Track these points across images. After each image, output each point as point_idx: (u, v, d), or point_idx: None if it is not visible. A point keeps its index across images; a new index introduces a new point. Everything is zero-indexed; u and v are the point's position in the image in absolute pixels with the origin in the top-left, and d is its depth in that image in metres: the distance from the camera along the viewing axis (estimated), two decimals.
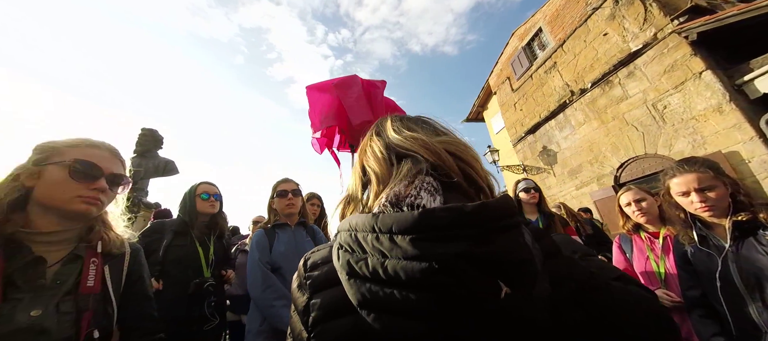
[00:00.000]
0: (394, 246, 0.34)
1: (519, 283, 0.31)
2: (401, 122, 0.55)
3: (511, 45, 8.72)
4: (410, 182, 0.43)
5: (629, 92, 5.55)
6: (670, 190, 1.28)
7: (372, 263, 0.35)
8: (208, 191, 1.94)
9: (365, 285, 0.35)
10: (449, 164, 0.46)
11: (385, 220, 0.35)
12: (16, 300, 0.67)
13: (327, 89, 1.70)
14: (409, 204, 0.40)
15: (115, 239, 0.87)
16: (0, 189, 0.73)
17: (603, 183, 6.09)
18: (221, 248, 1.99)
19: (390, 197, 0.42)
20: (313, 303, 0.41)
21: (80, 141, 0.84)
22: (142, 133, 3.95)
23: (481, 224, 0.33)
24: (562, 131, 7.04)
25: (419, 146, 0.48)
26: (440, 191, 0.43)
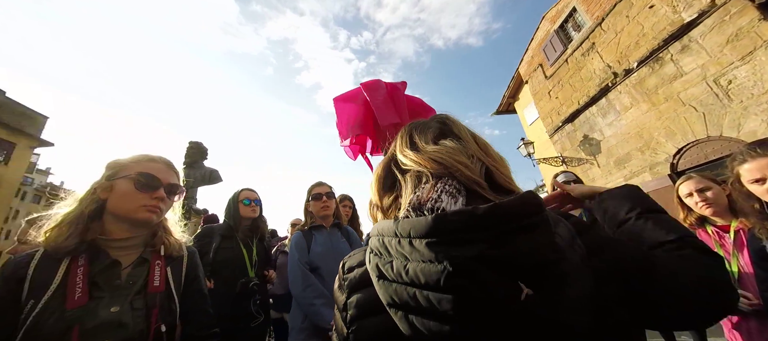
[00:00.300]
0: (414, 250, 0.35)
1: (542, 285, 0.31)
2: (425, 134, 0.56)
3: (542, 29, 8.22)
4: (432, 187, 0.44)
5: (684, 68, 4.97)
6: (740, 177, 1.13)
7: (396, 266, 0.37)
8: (249, 197, 2.08)
9: (392, 287, 0.37)
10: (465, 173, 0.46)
11: (404, 225, 0.37)
12: (99, 298, 0.77)
13: (353, 98, 1.75)
14: (429, 209, 0.41)
15: (175, 243, 0.98)
16: (82, 202, 0.86)
17: (657, 172, 5.51)
18: (263, 249, 2.12)
19: (413, 203, 0.43)
20: (349, 302, 0.45)
21: (142, 157, 0.96)
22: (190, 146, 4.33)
23: (495, 225, 0.33)
24: (605, 117, 6.49)
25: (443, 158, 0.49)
26: (463, 193, 0.44)
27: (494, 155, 0.53)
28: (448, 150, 0.50)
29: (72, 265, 0.77)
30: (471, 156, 0.50)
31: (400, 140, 0.58)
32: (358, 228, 2.64)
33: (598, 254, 0.38)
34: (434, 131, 0.56)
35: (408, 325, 0.35)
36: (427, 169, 0.48)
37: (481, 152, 0.52)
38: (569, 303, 0.31)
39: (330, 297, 1.61)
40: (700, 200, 1.44)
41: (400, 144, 0.57)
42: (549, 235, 0.33)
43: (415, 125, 0.60)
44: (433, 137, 0.55)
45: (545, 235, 0.33)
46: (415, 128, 0.58)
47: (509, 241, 0.32)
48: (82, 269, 0.78)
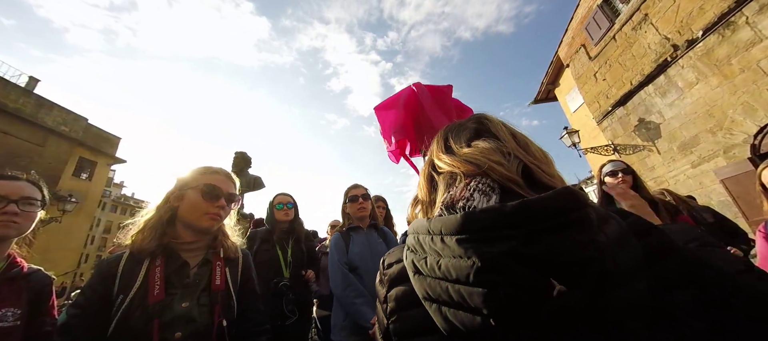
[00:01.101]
0: (445, 246, 0.37)
1: (580, 283, 0.30)
2: (460, 137, 0.56)
3: (584, 6, 7.54)
4: (465, 186, 0.45)
5: (765, 31, 4.24)
6: None
7: (430, 261, 0.39)
8: (282, 201, 2.21)
9: (426, 281, 0.39)
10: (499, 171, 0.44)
11: (436, 224, 0.39)
12: (173, 294, 0.89)
13: (392, 105, 1.81)
14: (461, 207, 0.42)
15: (232, 246, 1.09)
16: (158, 209, 1.00)
17: (733, 156, 4.77)
18: (299, 250, 2.17)
19: (446, 201, 0.45)
20: (389, 295, 0.48)
21: (206, 169, 1.08)
22: (236, 155, 4.70)
23: (524, 222, 0.32)
24: (664, 97, 5.77)
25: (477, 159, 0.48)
26: (497, 190, 0.43)
27: (535, 152, 0.51)
28: (482, 150, 0.49)
29: (151, 265, 0.90)
30: (507, 154, 0.48)
31: (436, 144, 0.59)
32: (392, 228, 2.67)
33: (662, 259, 0.35)
34: (469, 133, 0.56)
35: (442, 318, 0.37)
36: (460, 170, 0.48)
37: (520, 150, 0.50)
38: (617, 302, 0.30)
39: (369, 296, 1.65)
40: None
41: (436, 149, 0.58)
42: (588, 233, 0.32)
43: (451, 128, 0.60)
44: (468, 138, 0.54)
45: (584, 232, 0.32)
46: (451, 131, 0.58)
47: (540, 238, 0.32)
48: (159, 268, 0.90)
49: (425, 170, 0.57)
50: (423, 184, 0.56)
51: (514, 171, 0.45)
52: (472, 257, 0.33)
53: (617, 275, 0.31)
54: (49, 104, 12.13)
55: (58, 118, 12.23)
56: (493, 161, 0.46)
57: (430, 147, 0.60)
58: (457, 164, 0.49)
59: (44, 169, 11.17)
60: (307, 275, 2.10)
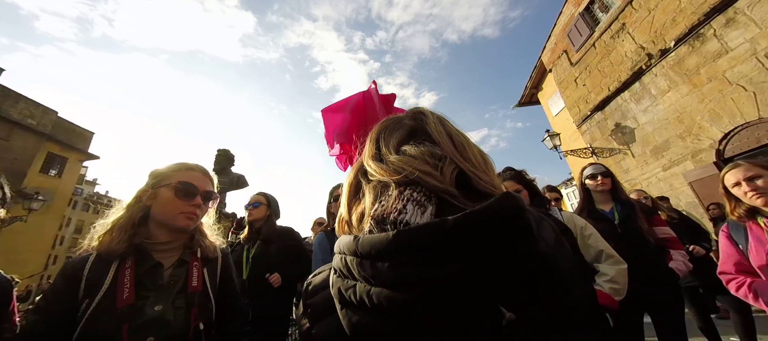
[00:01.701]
0: (377, 272, 0.31)
1: (529, 302, 0.28)
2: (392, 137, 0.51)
3: (566, 13, 7.80)
4: (398, 195, 0.39)
5: (730, 43, 4.52)
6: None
7: (359, 290, 0.33)
8: (251, 200, 2.16)
9: (355, 316, 0.33)
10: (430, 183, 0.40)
11: (364, 243, 0.33)
12: (145, 297, 0.84)
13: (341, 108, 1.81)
14: (392, 222, 0.36)
15: (210, 246, 1.05)
16: (129, 208, 0.94)
17: (700, 160, 5.07)
18: (264, 252, 2.04)
19: (376, 214, 0.39)
20: (313, 333, 0.40)
21: (181, 165, 1.03)
22: (218, 153, 4.55)
23: (468, 239, 0.29)
24: (639, 103, 6.06)
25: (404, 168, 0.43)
26: (434, 201, 0.38)
27: (472, 157, 0.46)
28: (410, 159, 0.43)
29: (120, 267, 0.85)
30: (441, 159, 0.43)
31: (368, 144, 0.53)
32: None
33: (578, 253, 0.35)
34: (402, 134, 0.50)
35: None
36: (389, 178, 0.43)
37: (456, 154, 0.45)
38: (566, 313, 0.29)
39: None
40: (750, 189, 1.31)
41: (367, 151, 0.52)
42: (531, 242, 0.29)
43: (385, 125, 0.54)
44: (399, 141, 0.49)
45: (527, 242, 0.29)
46: (384, 131, 0.52)
47: (486, 256, 0.28)
48: (129, 270, 0.85)
49: (351, 176, 0.50)
50: (349, 191, 0.49)
51: (447, 181, 0.40)
52: (408, 285, 0.29)
53: (561, 283, 0.29)
54: (15, 95, 11.37)
55: (24, 110, 11.48)
56: (422, 171, 0.41)
57: (361, 149, 0.54)
58: (384, 173, 0.44)
59: (8, 165, 10.47)
60: (270, 278, 1.93)
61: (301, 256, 2.22)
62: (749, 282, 1.28)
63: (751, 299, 1.26)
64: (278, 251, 2.09)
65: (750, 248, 1.33)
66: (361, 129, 1.90)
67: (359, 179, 0.48)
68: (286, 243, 2.17)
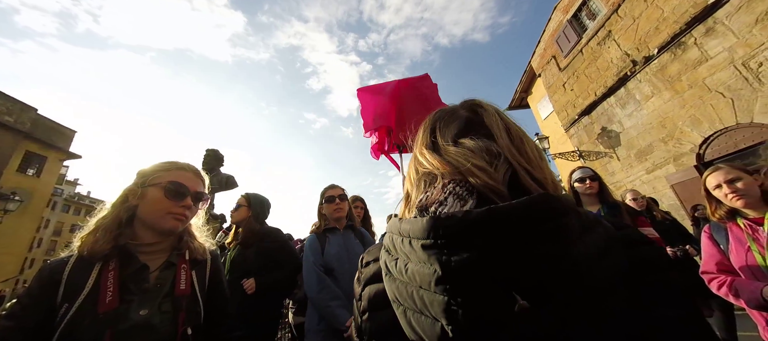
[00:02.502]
0: (412, 250, 0.36)
1: (544, 300, 0.29)
2: (448, 128, 0.51)
3: (555, 20, 7.99)
4: (443, 187, 0.42)
5: (709, 52, 4.71)
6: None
7: (399, 264, 0.38)
8: (236, 203, 2.10)
9: (395, 283, 0.39)
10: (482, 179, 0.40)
11: (405, 226, 0.38)
12: (129, 301, 0.81)
13: (379, 91, 1.79)
14: (433, 211, 0.39)
15: (199, 248, 1.01)
16: (114, 207, 0.90)
17: (682, 164, 5.25)
18: (241, 256, 1.98)
19: (420, 203, 0.42)
20: (363, 294, 0.47)
21: (171, 164, 0.99)
22: (207, 153, 4.45)
23: (489, 231, 0.31)
24: (624, 108, 6.25)
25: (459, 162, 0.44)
26: (474, 194, 0.40)
27: (529, 152, 0.46)
28: (466, 153, 0.44)
29: (103, 269, 0.81)
30: (496, 155, 0.43)
31: (421, 135, 0.54)
32: (370, 229, 2.65)
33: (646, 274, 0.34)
34: (459, 125, 0.51)
35: (406, 322, 0.36)
36: (439, 171, 0.45)
37: (512, 149, 0.45)
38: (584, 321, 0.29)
39: (344, 298, 1.62)
40: (730, 191, 1.36)
41: (420, 140, 0.53)
42: (563, 245, 0.30)
43: (440, 115, 0.54)
44: (456, 133, 0.49)
45: (558, 244, 0.30)
46: (439, 121, 0.53)
47: (505, 250, 0.30)
48: (113, 273, 0.81)
49: (411, 172, 0.53)
50: (407, 179, 0.53)
51: (498, 179, 0.40)
52: (433, 264, 0.33)
53: (592, 290, 0.30)
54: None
55: (1, 107, 10.99)
56: (476, 165, 0.42)
57: (415, 137, 0.55)
58: (437, 165, 0.46)
59: None
60: (244, 284, 1.84)
61: (283, 259, 2.07)
62: (730, 281, 1.33)
63: (732, 297, 1.31)
64: (257, 255, 1.99)
65: (730, 249, 1.38)
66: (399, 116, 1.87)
67: (415, 167, 0.51)
68: (267, 246, 2.05)
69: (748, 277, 1.29)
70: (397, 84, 1.76)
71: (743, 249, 1.32)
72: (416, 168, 0.50)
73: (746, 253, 1.31)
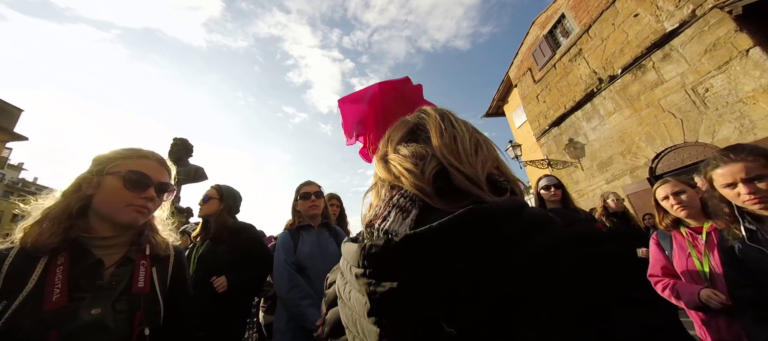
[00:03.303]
0: (352, 277, 0.36)
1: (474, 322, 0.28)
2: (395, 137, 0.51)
3: (532, 34, 8.39)
4: (387, 200, 0.40)
5: (665, 76, 5.17)
6: (713, 181, 1.19)
7: (346, 289, 0.39)
8: (204, 194, 1.98)
9: (344, 309, 0.39)
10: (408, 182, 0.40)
11: (344, 250, 0.39)
12: (79, 299, 0.74)
13: (358, 99, 1.78)
14: (377, 228, 0.37)
15: (161, 243, 0.95)
16: (65, 196, 0.82)
17: (637, 176, 5.72)
18: (211, 252, 1.88)
19: (367, 220, 0.41)
20: (326, 318, 0.48)
21: (133, 152, 0.91)
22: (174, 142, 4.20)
23: (410, 260, 0.30)
24: (589, 121, 6.69)
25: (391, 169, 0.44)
26: (417, 204, 0.38)
27: (461, 150, 0.43)
28: (399, 158, 0.44)
29: (51, 264, 0.74)
30: (424, 156, 0.42)
31: (380, 145, 0.54)
32: (346, 227, 2.63)
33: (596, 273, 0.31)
34: (402, 132, 0.51)
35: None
36: (387, 180, 0.44)
37: (442, 148, 0.43)
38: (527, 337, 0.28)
39: (316, 297, 1.60)
40: (676, 202, 1.51)
41: (379, 150, 0.52)
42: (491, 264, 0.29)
43: (395, 125, 0.54)
44: (399, 139, 0.50)
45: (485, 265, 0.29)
46: (392, 130, 0.53)
47: (428, 276, 0.29)
48: (62, 268, 0.74)
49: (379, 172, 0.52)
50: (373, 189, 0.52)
51: (424, 179, 0.39)
52: (364, 295, 0.32)
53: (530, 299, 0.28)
54: None
55: None
56: (405, 169, 0.41)
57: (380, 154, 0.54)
58: (382, 175, 0.45)
59: None
60: (215, 282, 1.76)
61: (256, 256, 1.97)
62: (672, 284, 1.47)
63: (674, 299, 1.44)
64: (228, 252, 1.88)
65: (674, 254, 1.52)
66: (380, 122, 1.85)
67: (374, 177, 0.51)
68: (239, 243, 1.94)
69: (687, 281, 1.43)
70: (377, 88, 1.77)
71: (684, 255, 1.47)
72: (374, 179, 0.51)
73: (687, 259, 1.45)
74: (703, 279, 1.38)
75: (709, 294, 1.28)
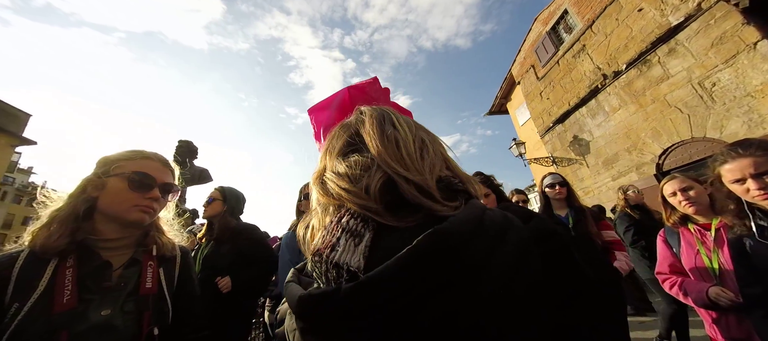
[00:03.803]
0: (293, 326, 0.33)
1: None
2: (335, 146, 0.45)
3: (535, 31, 8.32)
4: (336, 225, 0.35)
5: (671, 70, 5.10)
6: (721, 177, 1.17)
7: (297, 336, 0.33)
8: (208, 196, 2.02)
9: None
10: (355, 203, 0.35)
11: (287, 293, 0.35)
12: (88, 300, 0.75)
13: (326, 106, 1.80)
14: (325, 260, 0.33)
15: (167, 243, 0.96)
16: (71, 199, 0.83)
17: (643, 172, 5.65)
18: (215, 252, 1.91)
19: (314, 249, 0.36)
20: (276, 333, 0.42)
21: (136, 153, 0.92)
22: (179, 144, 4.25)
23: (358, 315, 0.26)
24: (594, 118, 6.62)
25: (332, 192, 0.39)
26: (370, 226, 0.34)
27: (406, 156, 0.38)
28: (336, 179, 0.38)
29: (60, 266, 0.75)
30: (367, 169, 0.38)
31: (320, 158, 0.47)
32: None
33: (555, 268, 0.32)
34: (341, 143, 0.45)
35: None
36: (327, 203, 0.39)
37: (384, 156, 0.38)
38: None
39: None
40: (684, 199, 1.48)
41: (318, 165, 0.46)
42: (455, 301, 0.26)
43: (333, 132, 0.48)
44: (339, 152, 0.44)
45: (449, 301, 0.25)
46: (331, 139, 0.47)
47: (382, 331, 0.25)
48: (71, 270, 0.75)
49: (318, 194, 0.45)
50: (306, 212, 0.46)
51: (371, 197, 0.35)
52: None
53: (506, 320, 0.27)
54: None
55: None
56: (344, 189, 0.36)
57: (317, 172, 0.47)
58: (322, 200, 0.40)
59: None
60: (219, 282, 1.78)
61: (258, 257, 2.00)
62: (680, 282, 1.45)
63: (682, 296, 1.43)
64: (230, 252, 1.91)
65: (682, 251, 1.50)
66: None
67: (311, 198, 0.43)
68: (241, 243, 1.97)
69: (696, 278, 1.42)
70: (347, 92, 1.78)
71: (693, 252, 1.45)
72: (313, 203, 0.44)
73: (695, 256, 1.43)
74: (711, 277, 1.36)
75: (718, 292, 1.26)
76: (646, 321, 3.46)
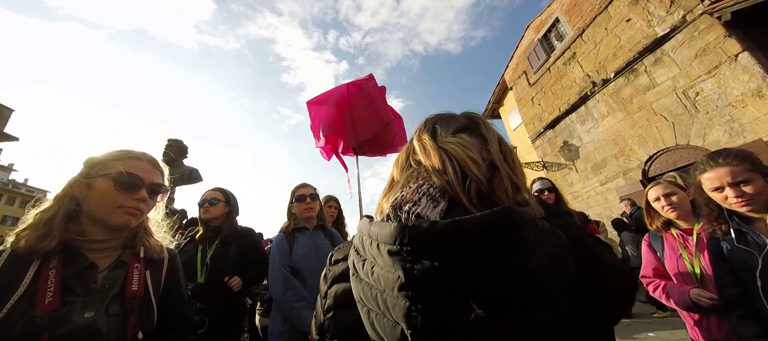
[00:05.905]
0: (380, 254, 0.37)
1: (500, 311, 0.31)
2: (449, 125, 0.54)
3: (527, 38, 8.48)
4: (418, 187, 0.43)
5: (657, 79, 5.26)
6: (702, 185, 1.21)
7: (366, 266, 0.39)
8: (205, 197, 1.99)
9: (361, 284, 0.39)
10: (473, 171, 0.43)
11: (374, 229, 0.39)
12: (72, 303, 0.73)
13: (325, 101, 1.80)
14: (407, 211, 0.40)
15: (155, 245, 0.94)
16: (57, 200, 0.81)
17: (630, 178, 5.80)
18: (223, 253, 1.92)
19: (395, 201, 0.43)
20: (329, 291, 0.48)
21: (123, 153, 0.90)
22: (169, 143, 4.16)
23: (452, 243, 0.32)
24: (583, 124, 6.77)
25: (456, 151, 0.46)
26: (447, 198, 0.42)
27: (513, 160, 0.49)
28: (464, 143, 0.47)
29: (43, 267, 0.73)
30: (484, 159, 0.46)
31: (422, 125, 0.56)
32: (343, 229, 2.63)
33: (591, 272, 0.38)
34: (458, 124, 0.53)
35: (369, 322, 0.38)
36: (427, 163, 0.47)
37: (499, 156, 0.47)
38: (536, 328, 0.31)
39: (311, 299, 1.59)
40: (666, 204, 1.53)
41: (420, 129, 0.55)
42: (521, 257, 0.31)
43: (440, 117, 0.57)
44: (455, 129, 0.52)
45: (516, 257, 0.31)
46: (440, 120, 0.55)
47: (466, 261, 0.31)
48: (55, 271, 0.73)
49: (401, 157, 0.54)
50: (395, 165, 0.54)
51: (483, 174, 0.43)
52: (398, 271, 0.33)
53: (544, 299, 0.32)
54: None
55: None
56: (471, 158, 0.44)
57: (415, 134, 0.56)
58: (433, 153, 0.47)
59: None
60: (230, 282, 1.80)
61: (257, 259, 2.05)
62: (663, 285, 1.49)
63: (665, 299, 1.46)
64: (237, 254, 1.94)
65: (665, 255, 1.54)
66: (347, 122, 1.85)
67: (407, 159, 0.52)
68: (245, 245, 2.02)
69: (678, 281, 1.46)
70: (345, 88, 1.78)
71: (675, 256, 1.49)
72: (407, 154, 0.53)
73: (678, 260, 1.47)
74: (693, 280, 1.40)
75: (699, 294, 1.30)
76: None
